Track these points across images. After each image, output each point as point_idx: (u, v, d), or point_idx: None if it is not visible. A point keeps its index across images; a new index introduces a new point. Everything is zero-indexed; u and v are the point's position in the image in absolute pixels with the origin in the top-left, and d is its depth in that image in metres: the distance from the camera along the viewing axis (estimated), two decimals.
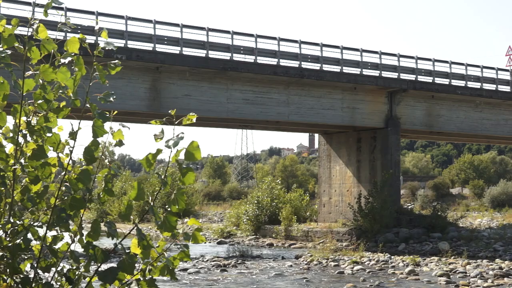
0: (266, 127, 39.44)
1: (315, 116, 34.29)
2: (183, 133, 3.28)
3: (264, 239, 37.42)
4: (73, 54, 3.48)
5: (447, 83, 38.46)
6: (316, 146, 56.42)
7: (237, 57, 31.45)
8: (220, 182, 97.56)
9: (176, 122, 3.33)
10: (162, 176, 3.41)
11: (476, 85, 39.88)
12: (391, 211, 32.77)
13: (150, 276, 3.54)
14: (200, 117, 31.60)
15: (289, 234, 36.59)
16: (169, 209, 3.40)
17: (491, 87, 40.55)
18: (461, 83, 39.16)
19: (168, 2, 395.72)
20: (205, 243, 36.83)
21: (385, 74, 36.11)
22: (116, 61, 3.60)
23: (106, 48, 3.56)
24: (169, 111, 3.39)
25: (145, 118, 31.11)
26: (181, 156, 3.29)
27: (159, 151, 3.35)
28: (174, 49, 29.79)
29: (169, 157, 3.28)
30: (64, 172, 3.46)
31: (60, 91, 3.51)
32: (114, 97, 3.58)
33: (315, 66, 33.79)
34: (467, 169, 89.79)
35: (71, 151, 3.51)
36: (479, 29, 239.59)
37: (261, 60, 32.12)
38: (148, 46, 29.20)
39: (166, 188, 3.43)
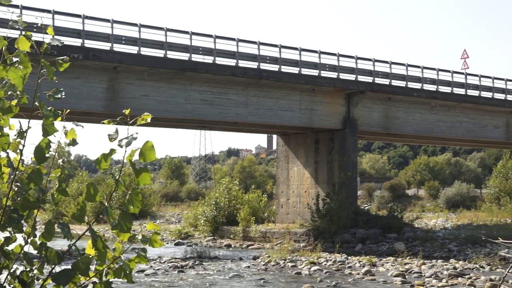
0: (224, 128, 39.41)
1: (274, 117, 34.37)
2: (137, 133, 3.24)
3: (222, 240, 37.37)
4: (24, 52, 3.40)
5: (404, 85, 38.91)
6: (275, 147, 56.59)
7: (196, 57, 31.35)
8: (178, 183, 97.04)
9: (130, 122, 3.29)
10: (117, 177, 3.37)
11: (432, 87, 40.43)
12: (348, 212, 33.03)
13: (107, 279, 3.49)
14: (158, 118, 31.57)
15: (247, 235, 36.60)
16: (124, 210, 3.36)
17: (447, 89, 41.15)
18: (417, 85, 39.65)
19: (126, 2, 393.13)
20: (163, 246, 36.70)
21: (343, 76, 36.38)
22: (64, 57, 3.53)
23: (52, 45, 3.48)
24: (123, 111, 3.35)
25: (102, 118, 30.33)
26: (137, 156, 3.25)
27: (112, 151, 3.31)
28: (132, 49, 29.56)
29: (123, 157, 3.24)
30: (15, 172, 3.40)
31: (10, 90, 3.43)
32: (63, 93, 3.51)
33: (274, 68, 33.88)
34: (423, 170, 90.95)
35: (21, 151, 3.44)
36: (435, 32, 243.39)
37: (220, 61, 32.07)
38: (106, 46, 28.92)
39: (120, 189, 3.39)
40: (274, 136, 46.14)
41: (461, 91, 41.93)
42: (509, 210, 46.10)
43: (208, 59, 31.65)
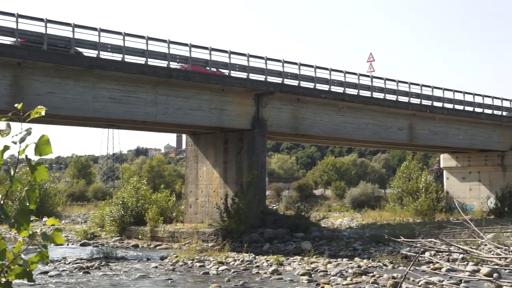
0: (133, 126, 38.92)
1: (183, 116, 34.20)
2: (31, 128, 3.15)
3: (130, 240, 36.85)
4: None
5: (312, 86, 39.49)
6: (184, 146, 56.26)
7: (105, 55, 30.82)
8: (84, 182, 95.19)
9: (24, 116, 3.19)
10: (12, 173, 3.26)
11: (339, 89, 41.19)
12: (257, 211, 33.24)
13: (6, 279, 3.38)
14: (65, 116, 30.90)
15: (155, 235, 36.25)
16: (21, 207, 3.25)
17: (353, 91, 42.02)
18: (325, 87, 40.31)
19: None
20: (67, 244, 35.88)
21: (253, 76, 36.58)
22: None
23: None
24: (15, 105, 3.24)
25: (6, 116, 29.79)
26: (32, 151, 3.15)
27: (6, 147, 3.20)
28: (39, 45, 28.75)
29: (18, 152, 3.14)
30: None
31: None
32: None
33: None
34: (330, 170, 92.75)
35: None
36: (343, 35, 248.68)
37: (129, 59, 31.65)
38: (10, 41, 28.05)
39: (15, 186, 3.28)
40: (184, 136, 45.90)
41: (367, 93, 42.91)
42: (411, 210, 47.54)
43: (117, 57, 31.17)
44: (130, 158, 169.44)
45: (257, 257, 27.08)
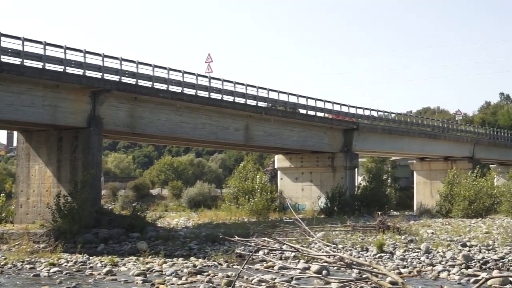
0: None
1: (14, 113, 32.78)
2: None
3: None
4: None
5: (150, 85, 39.30)
6: (15, 144, 53.95)
7: None
8: None
9: None
10: None
11: (178, 89, 41.31)
12: (91, 211, 32.58)
13: None
14: None
15: None
16: None
17: (191, 92, 42.29)
18: (163, 86, 40.27)
19: None
20: None
21: (90, 73, 35.81)
22: None
23: None
24: None
25: None
26: None
27: None
28: None
29: None
30: None
31: None
32: None
33: (16, 61, 32.36)
34: (167, 170, 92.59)
35: None
36: (181, 35, 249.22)
37: None
38: None
39: None
40: (15, 133, 43.96)
41: (205, 94, 43.34)
42: (246, 209, 48.48)
43: None
44: None
45: (91, 258, 26.52)
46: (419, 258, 23.82)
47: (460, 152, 70.95)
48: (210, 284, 18.56)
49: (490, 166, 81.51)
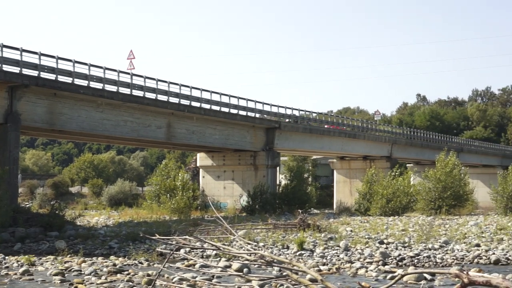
0: None
1: None
2: None
3: None
4: None
5: (70, 81, 38.58)
6: None
7: None
8: None
9: None
10: None
11: (99, 85, 40.70)
12: (7, 209, 31.76)
13: None
14: None
15: None
16: None
17: (113, 88, 41.75)
18: (84, 82, 39.60)
19: None
20: None
21: (7, 68, 34.89)
22: None
23: None
24: None
25: None
26: None
27: None
28: None
29: None
30: None
31: None
32: None
33: None
34: (87, 168, 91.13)
35: None
36: (103, 30, 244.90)
37: None
38: None
39: None
40: None
41: (127, 90, 42.84)
42: (168, 207, 48.17)
43: None
44: None
45: (7, 257, 25.79)
46: (338, 256, 24.24)
47: (378, 152, 72.58)
48: (130, 283, 18.36)
49: (407, 165, 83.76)
